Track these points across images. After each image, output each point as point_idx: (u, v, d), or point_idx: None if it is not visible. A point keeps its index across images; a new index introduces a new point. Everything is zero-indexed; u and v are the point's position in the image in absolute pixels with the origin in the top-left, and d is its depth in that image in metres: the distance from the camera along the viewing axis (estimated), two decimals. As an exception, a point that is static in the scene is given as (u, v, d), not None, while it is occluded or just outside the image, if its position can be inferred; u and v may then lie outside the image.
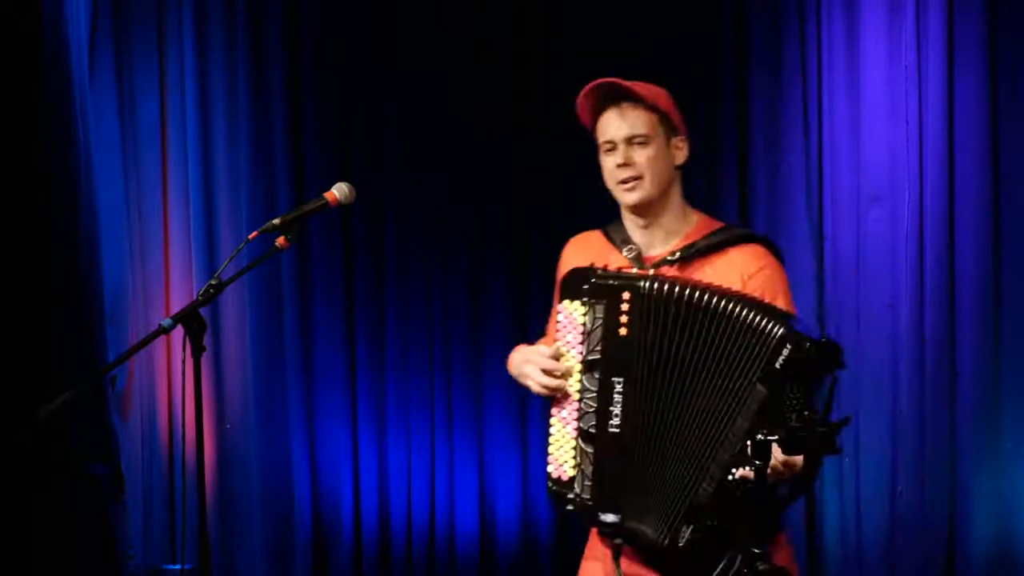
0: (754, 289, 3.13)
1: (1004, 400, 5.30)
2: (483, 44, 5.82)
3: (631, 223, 3.30)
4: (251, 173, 5.85)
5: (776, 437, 2.86)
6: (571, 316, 3.17)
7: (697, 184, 5.62)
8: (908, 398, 5.34)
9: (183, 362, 3.15)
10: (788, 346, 2.89)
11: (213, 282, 3.18)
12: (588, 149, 5.80)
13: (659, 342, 3.03)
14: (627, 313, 3.07)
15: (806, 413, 2.86)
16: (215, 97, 5.88)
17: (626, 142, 3.21)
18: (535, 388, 3.23)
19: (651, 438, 3.04)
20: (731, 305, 2.98)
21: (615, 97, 3.25)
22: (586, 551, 3.32)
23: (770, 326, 2.93)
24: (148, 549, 5.92)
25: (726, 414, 2.95)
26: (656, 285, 3.04)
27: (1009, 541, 5.28)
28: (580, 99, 3.30)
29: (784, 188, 5.57)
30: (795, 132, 5.55)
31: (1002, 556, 5.28)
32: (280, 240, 3.25)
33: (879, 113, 5.40)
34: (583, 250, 3.36)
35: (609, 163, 3.24)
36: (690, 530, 2.97)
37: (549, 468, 3.20)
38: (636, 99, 3.23)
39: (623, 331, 3.07)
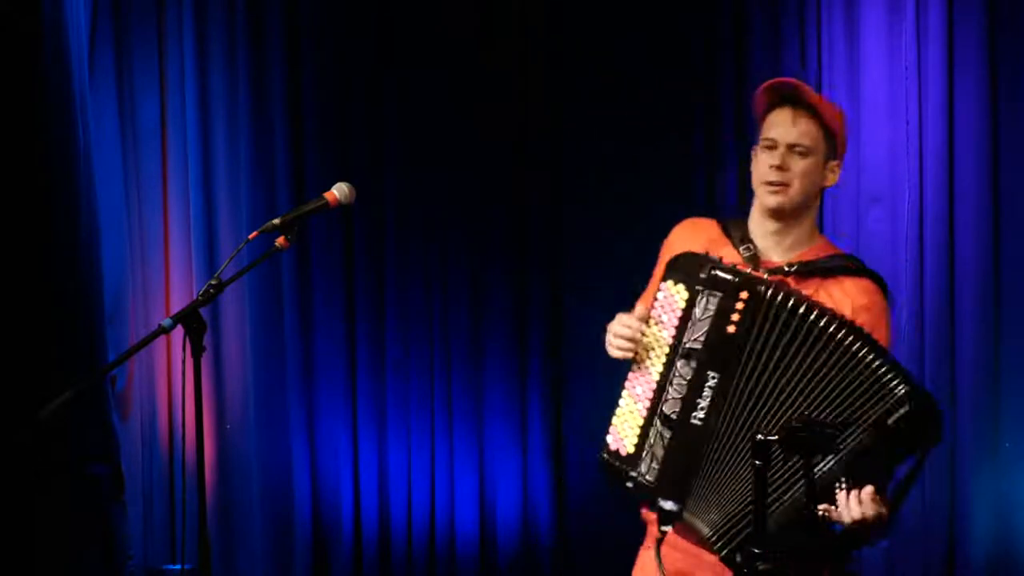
0: (859, 323, 3.11)
1: (1004, 400, 5.30)
2: (483, 44, 5.82)
3: (759, 226, 3.26)
4: (251, 173, 5.85)
5: (776, 437, 2.86)
6: (671, 298, 3.14)
7: (697, 184, 5.66)
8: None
9: (183, 362, 3.16)
10: (907, 407, 2.90)
11: (213, 282, 3.18)
12: (589, 149, 5.83)
13: (767, 350, 3.01)
14: (740, 312, 3.04)
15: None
16: (215, 97, 5.87)
17: (788, 147, 3.18)
18: (611, 350, 3.20)
19: (732, 442, 3.04)
20: (858, 344, 2.96)
21: (794, 100, 3.21)
22: (645, 540, 3.31)
23: (895, 381, 2.93)
24: (148, 549, 5.92)
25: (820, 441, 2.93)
26: (777, 293, 3.02)
27: (1009, 541, 5.28)
28: (760, 90, 3.25)
29: (784, 188, 5.56)
30: (795, 132, 5.54)
31: (1002, 556, 5.28)
32: (280, 240, 3.26)
33: (879, 113, 5.40)
34: (696, 235, 3.32)
35: (764, 160, 3.21)
36: (746, 546, 2.94)
37: (608, 438, 3.18)
38: (813, 110, 3.20)
39: (731, 328, 3.05)
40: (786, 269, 3.17)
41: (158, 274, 5.95)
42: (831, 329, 2.97)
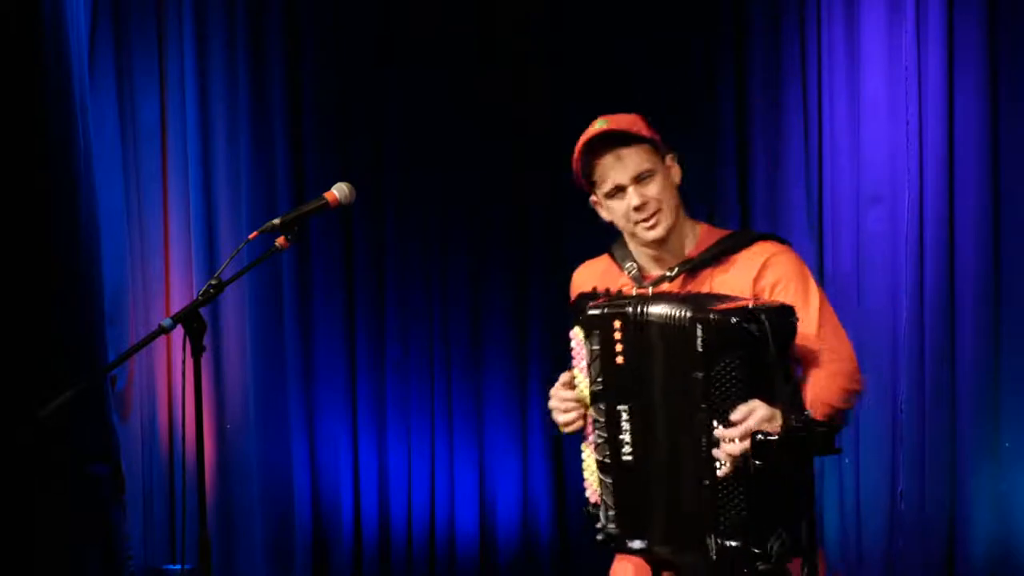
0: (769, 286, 3.14)
1: (1004, 400, 5.30)
2: (483, 44, 5.82)
3: (639, 252, 3.30)
4: (251, 173, 5.85)
5: (775, 437, 2.86)
6: (580, 343, 3.18)
7: (697, 184, 5.65)
8: (908, 398, 5.35)
9: (183, 362, 3.15)
10: (699, 327, 2.90)
11: (213, 282, 3.18)
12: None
13: (647, 363, 3.03)
14: (620, 341, 3.06)
15: (726, 386, 2.88)
16: (215, 97, 5.88)
17: (634, 182, 3.20)
18: (560, 427, 3.23)
19: (659, 461, 3.04)
20: (660, 308, 2.99)
21: (606, 144, 3.23)
22: (616, 555, 3.32)
23: (680, 313, 2.94)
24: (148, 549, 5.92)
25: (693, 417, 2.94)
26: (641, 308, 3.03)
27: (1009, 541, 5.28)
28: (576, 159, 3.28)
29: (784, 188, 5.57)
30: (795, 132, 5.55)
31: (1002, 556, 5.28)
32: (280, 240, 3.26)
33: (879, 113, 5.40)
34: (591, 273, 3.39)
35: (621, 207, 3.22)
36: (715, 542, 2.95)
37: (587, 493, 3.20)
38: (627, 139, 3.22)
39: (620, 359, 3.07)
40: (668, 275, 3.21)
41: (158, 274, 5.95)
42: (654, 313, 2.99)
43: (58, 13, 5.35)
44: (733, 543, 2.91)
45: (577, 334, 3.19)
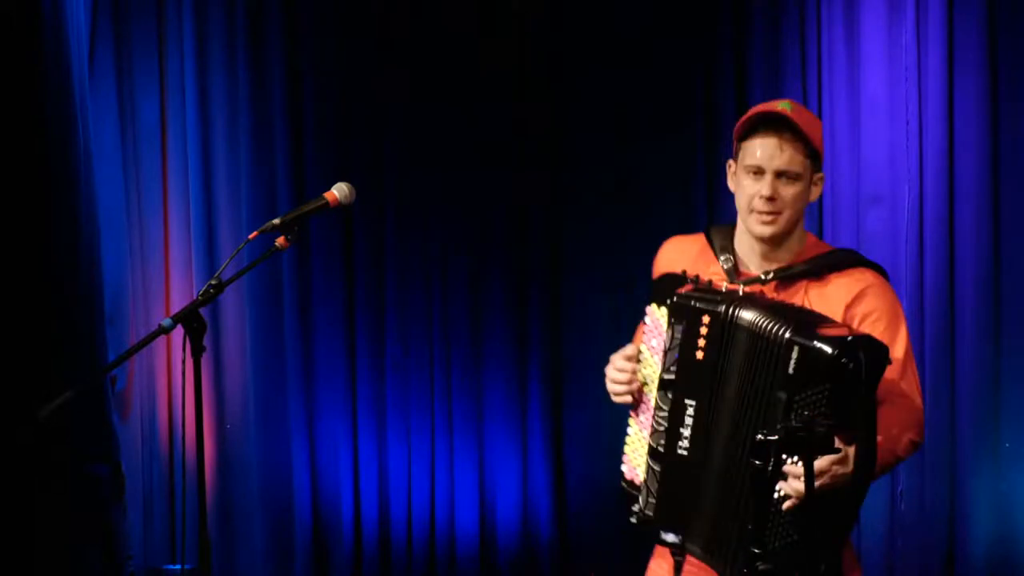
0: (861, 315, 3.09)
1: (1004, 400, 5.30)
2: (483, 44, 5.82)
3: (746, 243, 3.22)
4: (251, 173, 5.85)
5: (776, 437, 2.86)
6: (657, 322, 3.14)
7: (697, 184, 5.66)
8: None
9: (183, 362, 3.15)
10: (796, 349, 2.87)
11: (213, 282, 3.18)
12: (589, 149, 5.83)
13: (734, 370, 3.00)
14: (705, 337, 3.03)
15: (806, 413, 2.86)
16: (215, 97, 5.87)
17: (775, 174, 3.12)
18: (612, 396, 3.21)
19: (715, 464, 3.03)
20: (754, 316, 2.96)
21: (779, 125, 3.12)
22: (655, 549, 3.30)
23: (777, 330, 2.90)
24: (148, 549, 5.91)
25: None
26: (734, 310, 3.00)
27: (1009, 541, 5.28)
28: (743, 121, 3.17)
29: (784, 188, 5.56)
30: (795, 132, 5.55)
31: (1002, 556, 5.28)
32: (280, 240, 3.26)
33: (879, 113, 5.40)
34: (683, 252, 3.31)
35: (751, 188, 3.13)
36: (745, 557, 2.92)
37: (623, 467, 3.19)
38: (799, 134, 3.12)
39: (699, 354, 3.04)
40: (762, 278, 3.15)
41: (158, 274, 5.95)
42: (754, 322, 2.96)
43: (58, 13, 5.35)
44: (764, 567, 2.90)
45: (656, 312, 3.14)
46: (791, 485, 2.89)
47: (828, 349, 2.83)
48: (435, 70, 5.83)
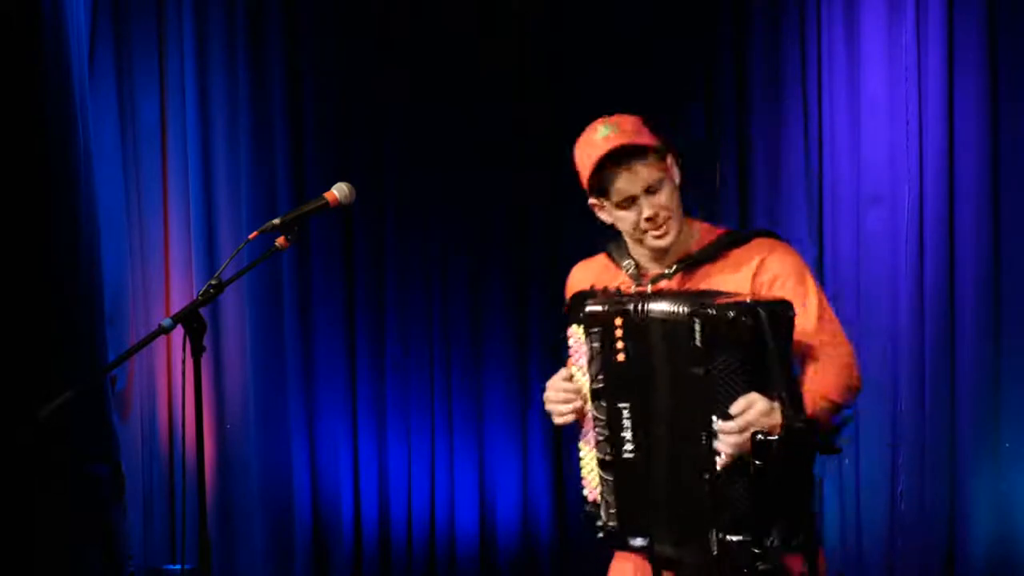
0: (767, 282, 3.12)
1: (1004, 400, 5.30)
2: (483, 44, 5.82)
3: (640, 252, 3.26)
4: (251, 173, 5.85)
5: (776, 437, 2.86)
6: (579, 340, 3.17)
7: (697, 184, 5.65)
8: (908, 398, 5.35)
9: (183, 362, 3.15)
10: (697, 322, 2.90)
11: (213, 282, 3.18)
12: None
13: (648, 361, 3.03)
14: (622, 339, 3.06)
15: (724, 380, 2.88)
16: (215, 97, 5.88)
17: (645, 192, 3.15)
18: (556, 419, 3.22)
19: (661, 457, 3.04)
20: (660, 305, 2.99)
21: (616, 155, 3.17)
22: (616, 553, 3.30)
23: (679, 309, 2.94)
24: (148, 549, 5.92)
25: (694, 413, 2.94)
26: (642, 305, 3.03)
27: (1009, 541, 5.28)
28: (586, 170, 3.21)
29: (784, 188, 5.57)
30: (795, 132, 5.55)
31: (1002, 556, 5.28)
32: (280, 240, 3.25)
33: (879, 113, 5.40)
34: (588, 271, 3.37)
35: (630, 217, 3.17)
36: (716, 536, 2.94)
37: (584, 492, 3.20)
38: (637, 150, 3.17)
39: (620, 356, 3.06)
40: (667, 272, 3.18)
41: (158, 274, 5.95)
42: (657, 311, 2.99)
43: (58, 13, 5.35)
44: (734, 538, 2.91)
45: (576, 332, 3.18)
46: (723, 442, 2.90)
47: (725, 313, 2.87)
48: (435, 70, 5.83)
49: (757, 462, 2.86)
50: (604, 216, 3.25)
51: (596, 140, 3.22)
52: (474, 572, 5.87)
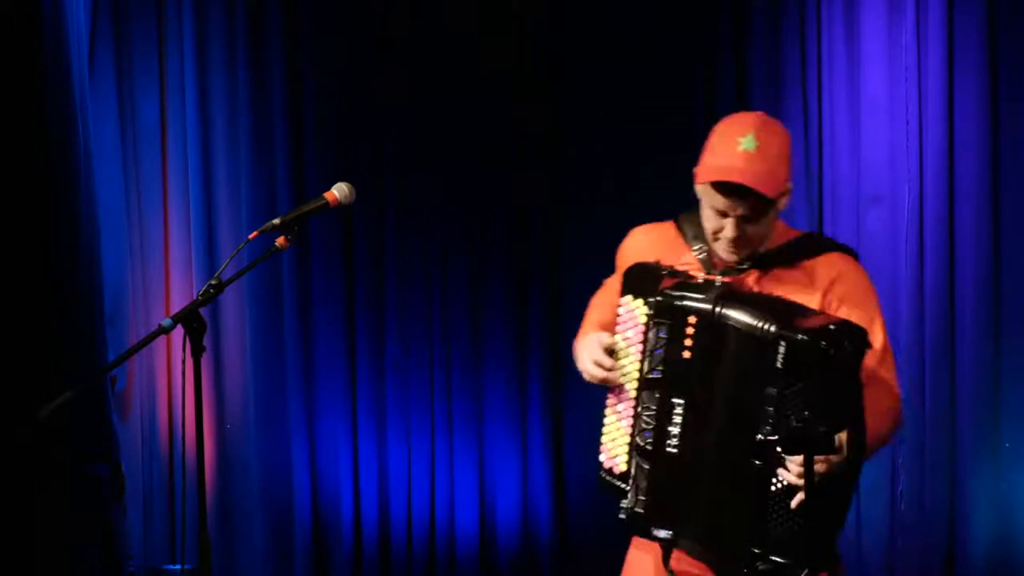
0: (837, 299, 3.09)
1: (1004, 400, 5.30)
2: (483, 44, 5.82)
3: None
4: (251, 173, 5.85)
5: (776, 437, 2.86)
6: (632, 313, 3.12)
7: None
8: (908, 397, 5.34)
9: (183, 362, 3.15)
10: (782, 344, 2.87)
11: (213, 282, 3.18)
12: (589, 149, 5.83)
13: (715, 364, 3.00)
14: (692, 336, 3.01)
15: (806, 413, 2.87)
16: (215, 97, 5.87)
17: (738, 218, 3.07)
18: (586, 376, 3.18)
19: (706, 461, 3.02)
20: (741, 314, 2.94)
21: (735, 189, 3.05)
22: (633, 540, 3.30)
23: (764, 326, 2.90)
24: (148, 549, 5.92)
25: (757, 427, 2.92)
26: (721, 309, 2.97)
27: (1009, 541, 5.29)
28: (702, 176, 3.10)
29: (784, 188, 5.56)
30: (795, 132, 5.54)
31: (1002, 556, 5.29)
32: (280, 240, 3.25)
33: (879, 113, 5.40)
34: (649, 241, 3.29)
35: (715, 223, 3.08)
36: (751, 551, 2.94)
37: (601, 458, 3.17)
38: (755, 195, 3.05)
39: (687, 353, 3.02)
40: (739, 267, 3.12)
41: (158, 274, 5.95)
42: (742, 321, 2.95)
43: (58, 13, 5.35)
44: (772, 557, 2.91)
45: (630, 303, 3.11)
46: (790, 476, 2.89)
47: (814, 341, 2.84)
48: (435, 70, 5.83)
49: (757, 462, 2.86)
50: (697, 190, 3.14)
51: (735, 151, 3.06)
52: (474, 572, 5.87)
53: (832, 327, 2.88)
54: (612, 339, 3.15)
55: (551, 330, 5.86)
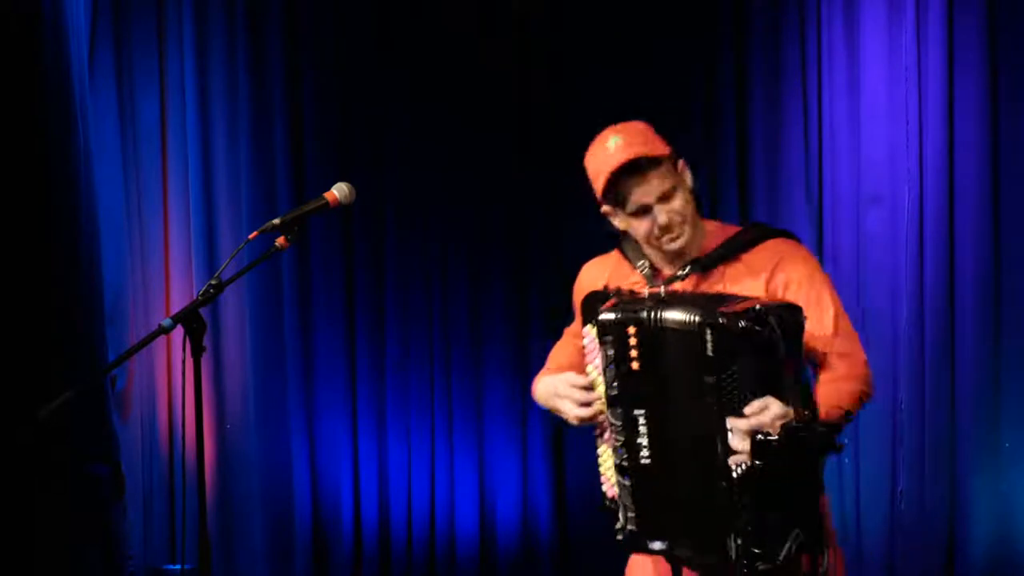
0: (782, 285, 3.14)
1: (1004, 400, 5.30)
2: (483, 44, 5.82)
3: (654, 253, 3.26)
4: (251, 173, 5.85)
5: (775, 437, 2.86)
6: (593, 341, 3.16)
7: (697, 184, 5.65)
8: (908, 398, 5.35)
9: (183, 362, 3.15)
10: (708, 331, 2.90)
11: (213, 282, 3.18)
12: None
13: (662, 369, 3.03)
14: (635, 347, 3.05)
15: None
16: (215, 97, 5.88)
17: (659, 201, 3.16)
18: (572, 421, 3.23)
19: (675, 463, 3.04)
20: (673, 313, 2.98)
21: (628, 168, 3.17)
22: (631, 558, 3.32)
23: (691, 318, 2.94)
24: (148, 549, 5.92)
25: (708, 420, 2.95)
26: (655, 314, 3.02)
27: (1009, 541, 5.29)
28: (602, 184, 3.20)
29: (784, 188, 5.57)
30: (795, 132, 5.55)
31: (1002, 556, 5.29)
32: (280, 240, 3.25)
33: (879, 113, 5.40)
34: (599, 271, 3.37)
35: (645, 226, 3.18)
36: (734, 543, 2.95)
37: (604, 487, 3.20)
38: (647, 160, 3.17)
39: (635, 365, 3.06)
40: (680, 274, 3.19)
41: (158, 274, 5.95)
42: (672, 317, 2.98)
43: (58, 13, 5.35)
44: (752, 543, 2.91)
45: (590, 332, 3.17)
46: (737, 446, 2.91)
47: (736, 322, 2.88)
48: (435, 70, 5.83)
49: (757, 462, 2.87)
50: (618, 223, 3.26)
51: (609, 150, 3.20)
52: (474, 572, 5.87)
53: (756, 308, 2.91)
54: (588, 377, 3.19)
55: (551, 330, 5.86)
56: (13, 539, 5.13)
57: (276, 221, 3.26)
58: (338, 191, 3.33)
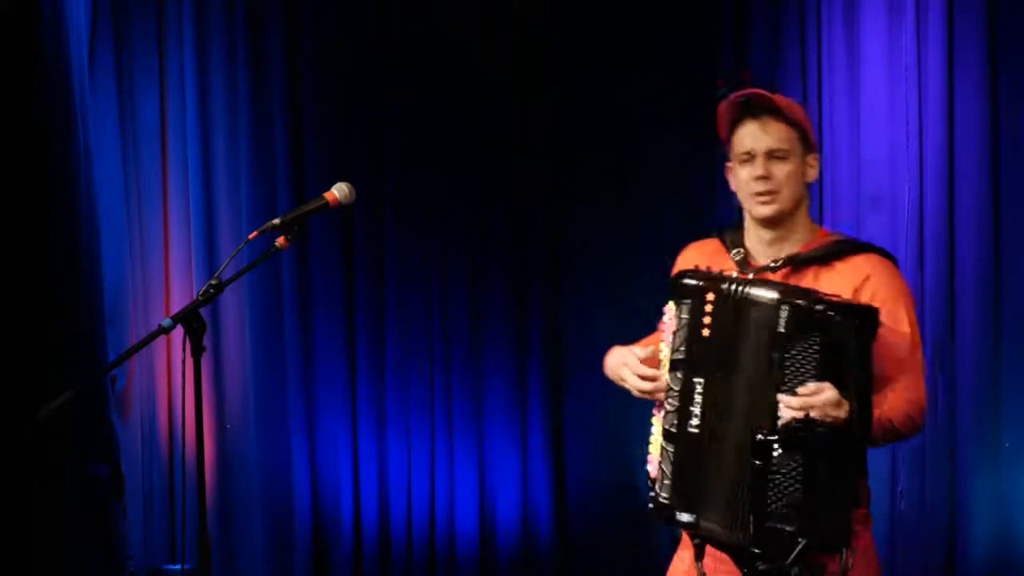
0: (868, 298, 3.12)
1: (1004, 400, 5.30)
2: (483, 43, 5.82)
3: (754, 235, 3.27)
4: (251, 173, 5.85)
5: (775, 437, 2.86)
6: (671, 315, 3.17)
7: (698, 184, 5.66)
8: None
9: (183, 362, 3.15)
10: (785, 308, 2.93)
11: (213, 282, 3.18)
12: (589, 149, 5.83)
13: (733, 341, 3.04)
14: (711, 314, 3.07)
15: (797, 368, 2.89)
16: (215, 97, 5.88)
17: (766, 155, 3.18)
18: (633, 392, 3.22)
19: (722, 437, 3.05)
20: (754, 289, 3.02)
21: (756, 110, 3.21)
22: (683, 538, 3.31)
23: (770, 294, 2.97)
24: (148, 549, 5.92)
25: (763, 397, 2.97)
26: (739, 287, 3.05)
27: (1009, 541, 5.28)
28: (722, 108, 3.27)
29: (784, 188, 5.56)
30: (795, 132, 5.55)
31: (1002, 556, 5.28)
32: (280, 240, 3.25)
33: (879, 113, 5.40)
34: (696, 255, 3.36)
35: (745, 174, 3.21)
36: (755, 522, 2.95)
37: (648, 467, 3.19)
38: (778, 112, 3.20)
39: (706, 332, 3.07)
40: (772, 265, 3.19)
41: (158, 274, 5.95)
42: (757, 296, 3.02)
43: (58, 13, 5.35)
44: (778, 526, 2.92)
45: (670, 308, 3.17)
46: (786, 411, 2.92)
47: (813, 305, 2.93)
48: (435, 70, 5.83)
49: (757, 462, 2.87)
50: (732, 183, 3.27)
51: (747, 90, 3.25)
52: (474, 572, 5.87)
53: (837, 300, 2.95)
54: (653, 347, 3.19)
55: (551, 330, 5.87)
56: (13, 539, 5.13)
57: (276, 221, 3.26)
58: (338, 191, 3.34)
